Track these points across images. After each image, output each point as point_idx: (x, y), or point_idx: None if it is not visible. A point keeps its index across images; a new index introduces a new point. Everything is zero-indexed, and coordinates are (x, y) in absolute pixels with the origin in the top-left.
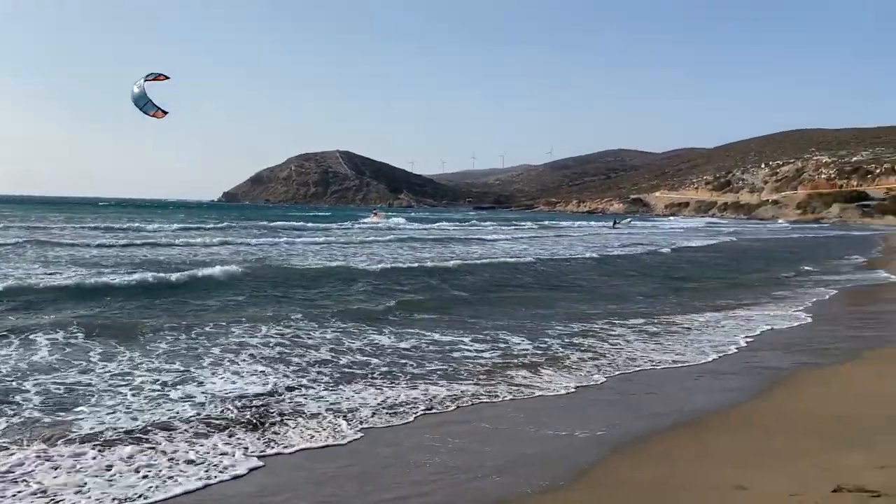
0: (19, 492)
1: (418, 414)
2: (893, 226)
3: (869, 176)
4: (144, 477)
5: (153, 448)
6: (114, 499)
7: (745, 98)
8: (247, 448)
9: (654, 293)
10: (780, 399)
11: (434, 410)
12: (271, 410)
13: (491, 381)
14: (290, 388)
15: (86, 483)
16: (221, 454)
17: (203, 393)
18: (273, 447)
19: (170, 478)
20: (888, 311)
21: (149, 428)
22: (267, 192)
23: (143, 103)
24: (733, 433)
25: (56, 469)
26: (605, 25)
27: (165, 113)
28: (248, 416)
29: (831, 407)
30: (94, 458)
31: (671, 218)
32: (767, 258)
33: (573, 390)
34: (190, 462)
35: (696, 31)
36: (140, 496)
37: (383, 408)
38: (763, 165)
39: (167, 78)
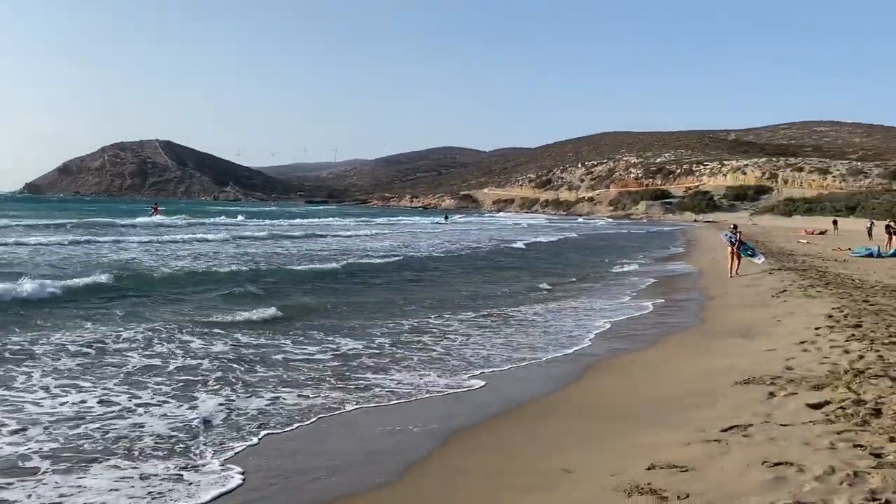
0: None
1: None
2: (690, 221)
3: (671, 176)
4: None
5: None
6: None
7: (564, 101)
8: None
9: (516, 289)
10: (598, 384)
11: (273, 415)
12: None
13: (326, 383)
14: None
15: None
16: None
17: None
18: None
19: None
20: (687, 298)
21: None
22: (77, 183)
23: None
24: (558, 419)
25: None
26: (437, 29)
27: None
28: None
29: (642, 390)
30: None
31: (500, 214)
32: (608, 251)
33: (411, 387)
34: None
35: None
36: None
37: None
38: (580, 165)
39: None
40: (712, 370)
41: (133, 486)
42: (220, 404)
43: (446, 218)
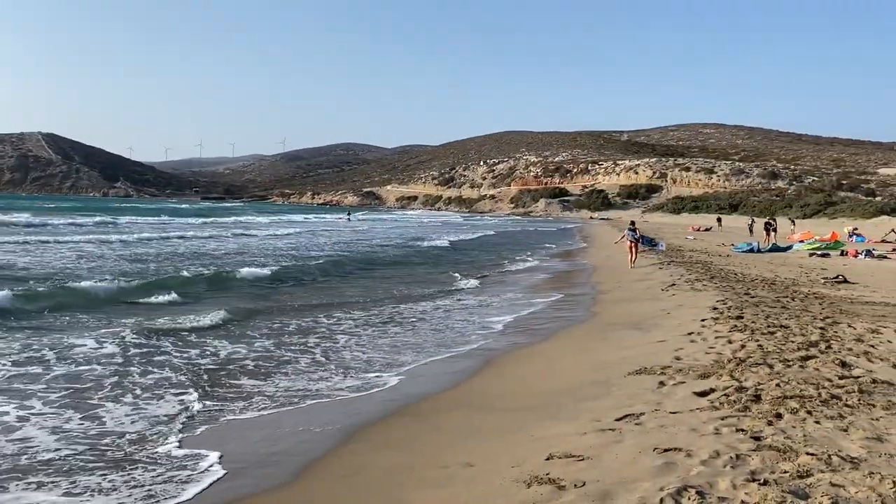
0: None
1: None
2: (587, 218)
3: (568, 174)
4: None
5: None
6: None
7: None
8: None
9: (431, 288)
10: (499, 378)
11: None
12: None
13: (216, 385)
14: None
15: None
16: None
17: None
18: None
19: None
20: (583, 293)
21: None
22: None
23: None
24: (461, 413)
25: None
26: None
27: None
28: None
29: (541, 382)
30: None
31: (411, 212)
32: (515, 247)
33: (313, 388)
34: None
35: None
36: None
37: None
38: (482, 163)
39: None
40: (607, 361)
41: None
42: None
43: (349, 214)
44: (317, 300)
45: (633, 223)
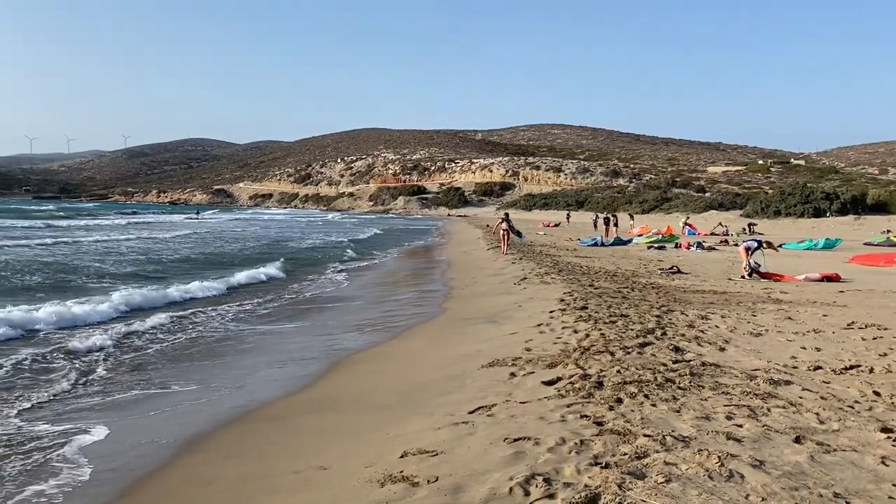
0: None
1: None
2: (445, 215)
3: (426, 172)
4: None
5: None
6: None
7: (323, 97)
8: None
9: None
10: (354, 377)
11: None
12: None
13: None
14: None
15: None
16: None
17: None
18: None
19: None
20: (440, 288)
21: None
22: None
23: None
24: (315, 415)
25: None
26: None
27: None
28: None
29: (397, 379)
30: None
31: (277, 210)
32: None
33: (157, 398)
34: None
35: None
36: None
37: None
38: (339, 160)
39: None
40: (462, 355)
41: None
42: None
43: (198, 213)
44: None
45: (507, 214)
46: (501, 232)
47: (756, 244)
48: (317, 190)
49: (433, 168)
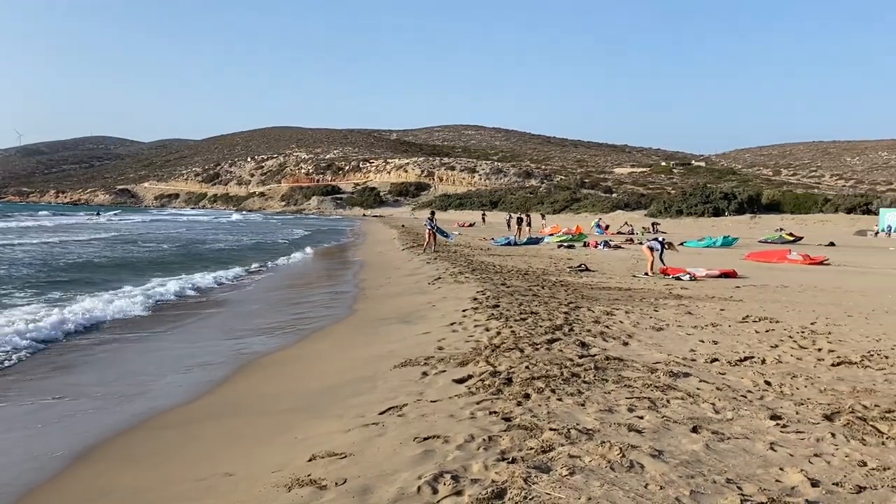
0: None
1: None
2: (360, 216)
3: (340, 172)
4: None
5: None
6: None
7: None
8: None
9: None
10: (264, 380)
11: None
12: None
13: None
14: None
15: None
16: None
17: None
18: None
19: None
20: (354, 289)
21: None
22: None
23: None
24: (222, 421)
25: None
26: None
27: None
28: None
29: (309, 382)
30: None
31: (190, 210)
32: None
33: (40, 403)
34: None
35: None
36: None
37: None
38: (249, 159)
39: None
40: (375, 356)
41: None
42: None
43: (98, 214)
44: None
45: (432, 213)
46: (427, 231)
47: (659, 245)
48: (226, 190)
49: (347, 168)
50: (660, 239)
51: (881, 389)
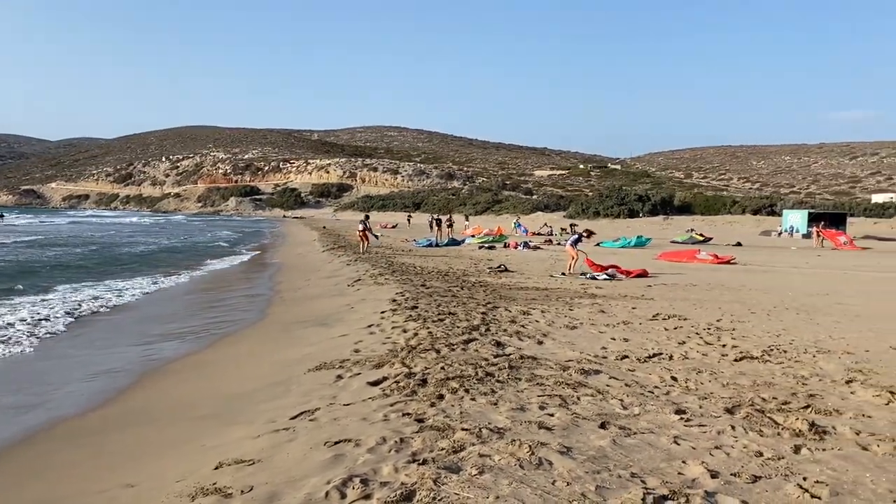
0: None
1: None
2: (280, 217)
3: (260, 172)
4: None
5: None
6: None
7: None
8: None
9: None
10: (174, 387)
11: None
12: None
13: None
14: None
15: None
16: None
17: None
18: None
19: None
20: (271, 290)
21: None
22: None
23: None
24: (127, 430)
25: None
26: None
27: None
28: None
29: (220, 387)
30: None
31: (104, 212)
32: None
33: None
34: None
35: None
36: None
37: None
38: (164, 159)
39: None
40: (290, 360)
41: None
42: None
43: (2, 217)
44: None
45: (367, 216)
46: (358, 233)
47: (576, 237)
48: (139, 190)
49: (267, 168)
50: (578, 233)
51: (779, 382)
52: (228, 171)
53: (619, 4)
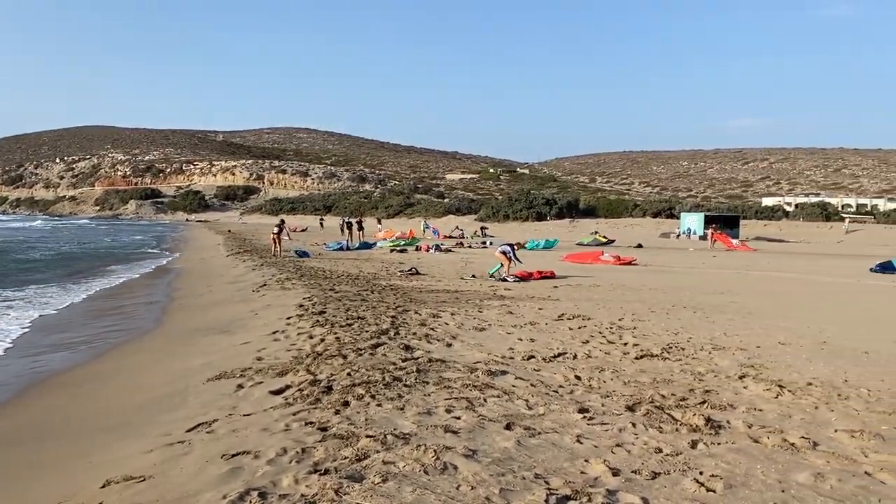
0: None
1: None
2: (183, 220)
3: (161, 174)
4: None
5: None
6: None
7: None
8: None
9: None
10: (56, 402)
11: None
12: None
13: None
14: None
15: None
16: None
17: None
18: None
19: None
20: (170, 297)
21: None
22: None
23: None
24: (7, 448)
25: None
26: None
27: None
28: None
29: (111, 401)
30: None
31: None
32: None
33: None
34: None
35: None
36: None
37: None
38: (59, 160)
39: None
40: (188, 369)
41: None
42: None
43: None
44: None
45: (282, 221)
46: (272, 237)
47: (510, 248)
48: (31, 193)
49: (169, 170)
50: (510, 243)
51: (677, 379)
52: (128, 172)
53: (525, 6)
